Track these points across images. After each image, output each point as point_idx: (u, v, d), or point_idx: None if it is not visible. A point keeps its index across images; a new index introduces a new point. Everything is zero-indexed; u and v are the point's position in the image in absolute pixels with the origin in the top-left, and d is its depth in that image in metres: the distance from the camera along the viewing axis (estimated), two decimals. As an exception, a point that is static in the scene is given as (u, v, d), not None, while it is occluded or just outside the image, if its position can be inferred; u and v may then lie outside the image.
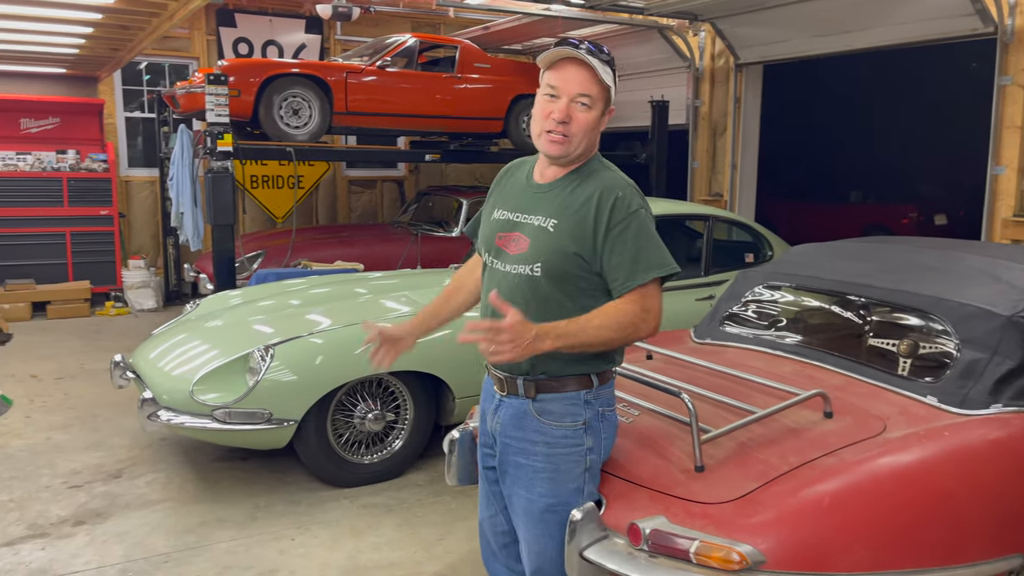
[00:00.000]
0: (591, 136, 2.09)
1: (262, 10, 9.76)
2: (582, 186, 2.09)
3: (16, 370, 6.37)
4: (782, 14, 7.55)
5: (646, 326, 2.03)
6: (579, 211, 2.06)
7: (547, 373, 2.11)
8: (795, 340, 3.15)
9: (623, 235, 2.02)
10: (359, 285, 5.29)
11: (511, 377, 2.16)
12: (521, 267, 2.11)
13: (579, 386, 2.12)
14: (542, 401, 2.12)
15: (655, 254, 2.04)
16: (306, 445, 4.13)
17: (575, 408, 2.12)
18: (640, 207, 2.07)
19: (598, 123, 2.09)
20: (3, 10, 5.40)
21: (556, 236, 2.07)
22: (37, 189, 8.45)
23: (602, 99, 2.08)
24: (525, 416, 2.14)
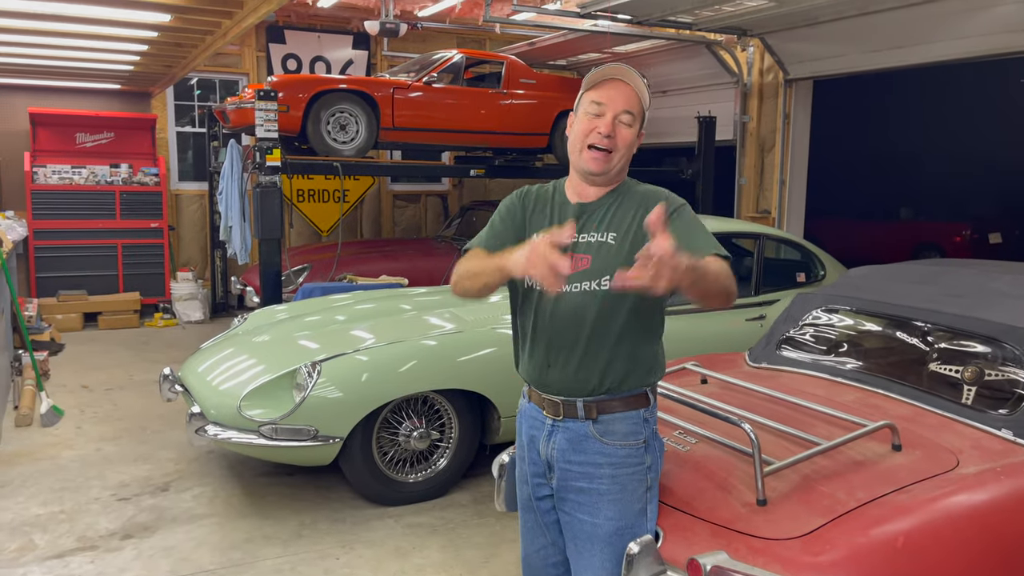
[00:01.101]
0: (628, 155, 2.11)
1: (311, 27, 9.89)
2: (626, 202, 2.11)
3: (67, 380, 6.48)
4: (835, 29, 7.41)
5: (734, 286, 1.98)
6: (633, 222, 2.07)
7: (613, 392, 2.08)
8: (856, 366, 3.04)
9: (680, 221, 2.03)
10: (403, 301, 5.28)
11: (569, 401, 2.11)
12: (585, 283, 2.07)
13: (638, 404, 2.10)
14: (603, 422, 2.09)
15: (710, 236, 2.04)
16: (351, 462, 4.11)
17: (636, 426, 2.10)
18: (684, 203, 2.11)
19: (635, 142, 2.11)
20: (64, 28, 5.53)
21: (619, 248, 2.07)
22: (91, 202, 8.64)
23: (640, 118, 2.11)
24: (586, 439, 2.09)
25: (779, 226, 8.65)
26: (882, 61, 7.40)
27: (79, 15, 5.06)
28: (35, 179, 8.43)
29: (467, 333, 4.45)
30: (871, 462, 2.29)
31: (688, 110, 8.95)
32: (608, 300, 2.06)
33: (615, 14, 7.24)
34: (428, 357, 4.25)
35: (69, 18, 5.18)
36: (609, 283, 2.04)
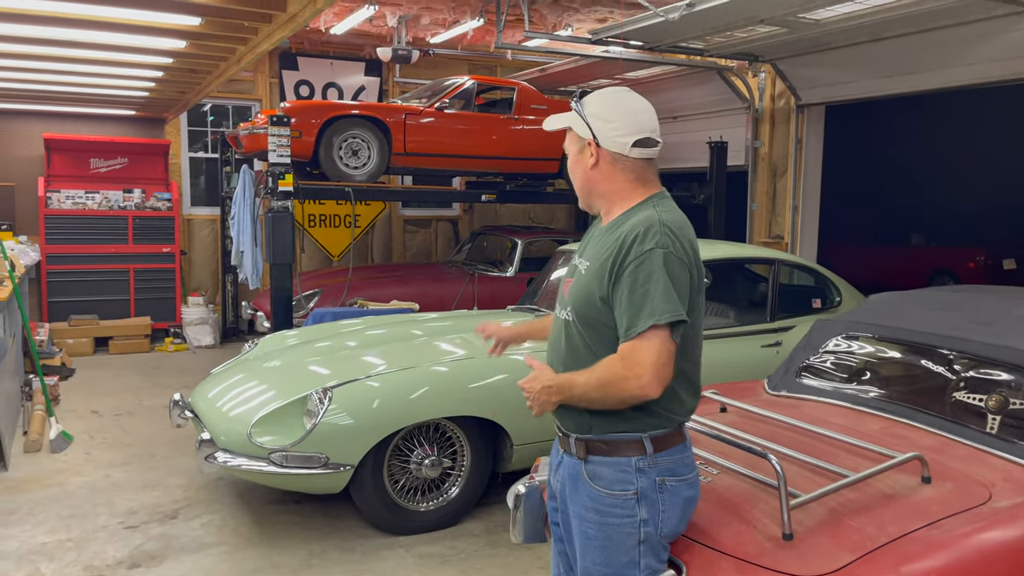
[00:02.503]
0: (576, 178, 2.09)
1: (323, 53, 9.97)
2: (621, 227, 1.99)
3: (77, 405, 6.45)
4: (847, 55, 7.41)
5: (631, 384, 1.84)
6: (606, 252, 1.97)
7: (594, 433, 1.99)
8: (879, 395, 2.97)
9: (631, 276, 1.88)
10: (415, 326, 5.24)
11: (565, 435, 2.07)
12: (563, 312, 2.07)
13: (631, 451, 1.96)
14: (593, 464, 2.00)
15: (659, 299, 1.84)
16: (361, 491, 4.04)
17: (626, 475, 1.95)
18: (658, 246, 1.87)
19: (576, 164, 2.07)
20: (80, 55, 5.57)
21: (585, 279, 2.01)
22: (104, 227, 8.67)
23: (572, 141, 2.09)
24: (578, 478, 2.03)
25: (792, 251, 8.60)
26: (894, 87, 7.38)
27: (96, 42, 5.10)
28: (49, 204, 8.47)
29: (479, 359, 4.40)
30: (900, 495, 2.22)
31: (699, 135, 8.94)
32: (573, 332, 2.02)
33: (627, 40, 7.26)
34: (440, 384, 4.20)
35: (86, 45, 5.21)
36: (572, 313, 2.02)
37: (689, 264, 1.92)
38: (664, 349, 1.85)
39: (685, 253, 1.92)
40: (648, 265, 1.86)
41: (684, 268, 1.90)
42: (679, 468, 2.00)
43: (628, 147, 1.99)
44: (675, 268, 1.88)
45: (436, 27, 8.69)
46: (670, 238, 1.90)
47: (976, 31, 6.32)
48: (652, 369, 1.83)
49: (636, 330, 1.85)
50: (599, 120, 2.01)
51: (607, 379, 1.87)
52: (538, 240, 8.66)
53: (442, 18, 8.30)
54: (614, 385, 1.86)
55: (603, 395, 1.89)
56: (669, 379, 1.87)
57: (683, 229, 1.96)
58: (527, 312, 5.44)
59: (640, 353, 1.84)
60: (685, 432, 2.05)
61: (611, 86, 2.10)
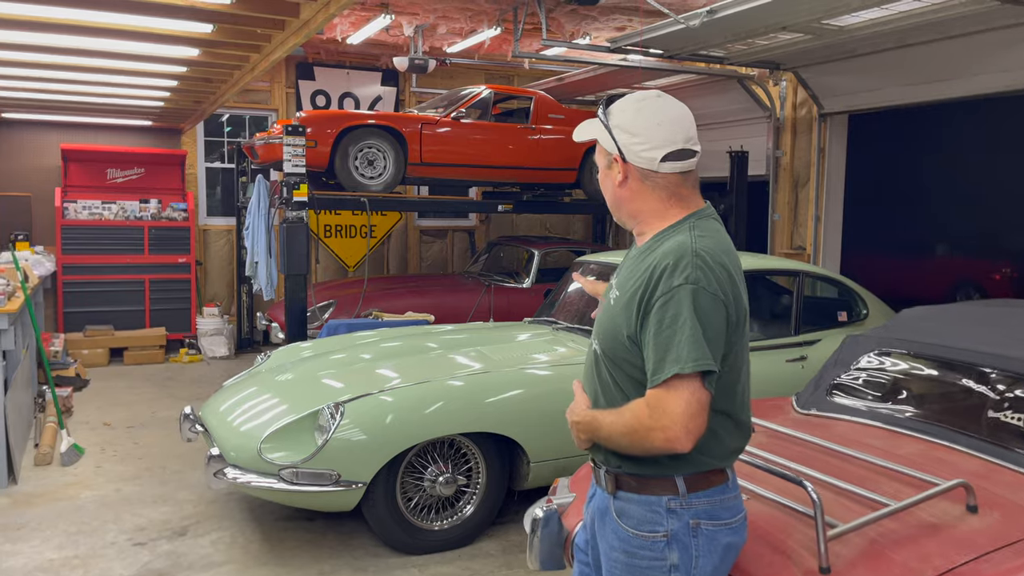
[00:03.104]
0: (608, 196, 1.92)
1: (340, 63, 9.94)
2: (652, 254, 1.79)
3: (90, 417, 6.39)
4: (871, 62, 7.26)
5: (657, 437, 1.65)
6: (635, 283, 1.77)
7: (623, 468, 1.82)
8: (916, 415, 2.82)
9: (658, 315, 1.69)
10: (430, 339, 5.13)
11: (597, 467, 1.93)
12: (594, 341, 1.92)
13: (661, 490, 1.78)
14: (621, 500, 1.84)
15: (685, 345, 1.64)
16: (374, 508, 3.93)
17: (655, 515, 1.78)
18: (687, 281, 1.67)
19: (605, 179, 1.90)
20: (95, 64, 5.54)
21: (612, 311, 1.83)
22: (120, 237, 8.65)
23: (601, 154, 1.91)
24: (607, 514, 1.87)
25: (814, 262, 8.43)
26: (921, 95, 7.22)
27: (110, 50, 5.06)
28: (65, 214, 8.47)
29: (495, 374, 4.28)
30: (945, 525, 2.08)
31: (720, 145, 8.80)
32: (602, 366, 1.86)
33: (646, 48, 7.15)
34: (455, 398, 4.08)
35: (100, 53, 5.18)
36: (599, 346, 1.87)
37: (725, 299, 1.71)
38: (694, 400, 1.65)
39: (720, 287, 1.71)
40: (675, 304, 1.68)
41: (718, 305, 1.70)
42: (718, 511, 1.79)
43: (657, 162, 1.79)
44: (706, 307, 1.68)
45: (453, 36, 8.63)
46: (702, 270, 1.70)
47: (1006, 37, 6.16)
48: (681, 421, 1.64)
49: (661, 376, 1.67)
50: (624, 132, 1.82)
51: (633, 427, 1.71)
52: (555, 251, 8.55)
53: (459, 27, 8.24)
54: (639, 435, 1.70)
55: (629, 443, 1.73)
56: (702, 431, 1.67)
57: (719, 257, 1.74)
58: (545, 325, 5.32)
59: (667, 403, 1.66)
60: (729, 471, 1.84)
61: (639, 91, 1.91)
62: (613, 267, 5.37)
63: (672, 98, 1.87)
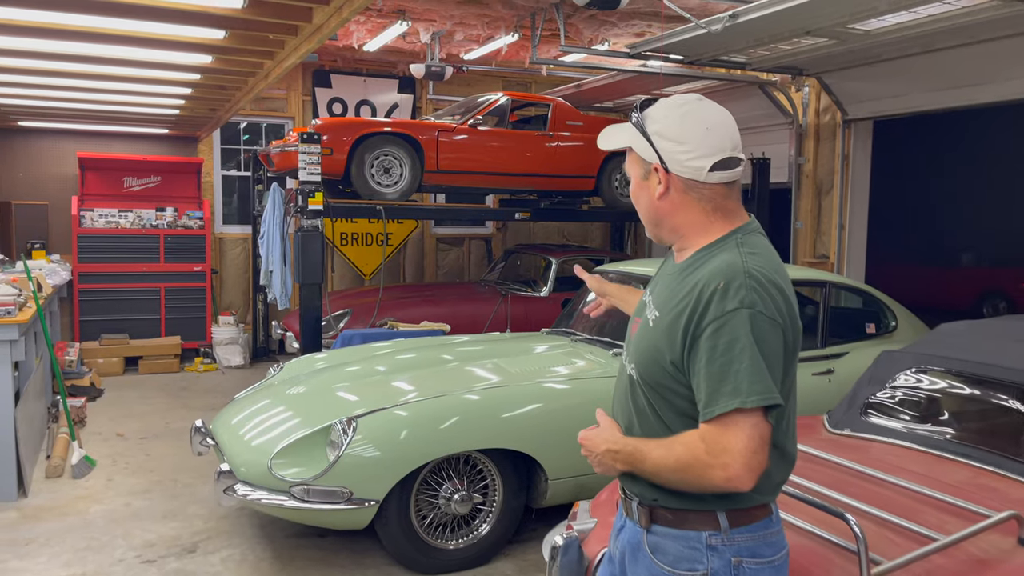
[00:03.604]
0: (642, 209, 1.76)
1: (356, 71, 9.89)
2: (697, 272, 1.65)
3: (103, 428, 6.33)
4: (897, 67, 7.09)
5: (716, 475, 1.51)
6: (679, 304, 1.63)
7: (658, 501, 1.67)
8: (958, 438, 2.67)
9: (710, 341, 1.54)
10: (446, 351, 5.02)
11: (628, 498, 1.77)
12: (628, 364, 1.76)
13: (700, 524, 1.63)
14: (656, 535, 1.69)
15: (745, 375, 1.50)
16: (387, 526, 3.82)
17: (694, 552, 1.63)
18: (743, 305, 1.53)
19: (640, 191, 1.74)
20: (110, 71, 5.49)
21: (652, 334, 1.68)
22: (136, 246, 8.63)
23: (634, 163, 1.74)
24: (639, 549, 1.72)
25: (838, 271, 8.25)
26: (948, 100, 7.04)
27: (124, 58, 5.01)
28: (82, 223, 8.45)
29: (512, 387, 4.16)
30: (996, 560, 1.93)
31: (741, 152, 8.64)
32: (638, 391, 1.70)
33: (667, 54, 7.02)
34: (471, 413, 3.96)
35: (115, 61, 5.13)
36: (635, 371, 1.72)
37: (783, 324, 1.57)
38: (756, 434, 1.51)
39: (777, 310, 1.57)
40: (731, 330, 1.53)
41: (776, 330, 1.56)
42: (761, 548, 1.64)
43: (705, 172, 1.65)
44: (765, 332, 1.54)
45: (470, 43, 8.55)
46: (758, 292, 1.55)
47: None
48: (742, 458, 1.50)
49: (716, 410, 1.52)
50: (666, 140, 1.66)
51: (687, 463, 1.55)
52: (573, 259, 8.43)
53: (476, 34, 8.15)
54: (694, 471, 1.54)
55: (681, 479, 1.58)
56: (763, 467, 1.53)
57: (772, 277, 1.60)
58: (563, 336, 5.19)
59: (726, 439, 1.51)
60: (772, 504, 1.69)
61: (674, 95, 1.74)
62: (635, 277, 5.23)
63: (713, 102, 1.72)
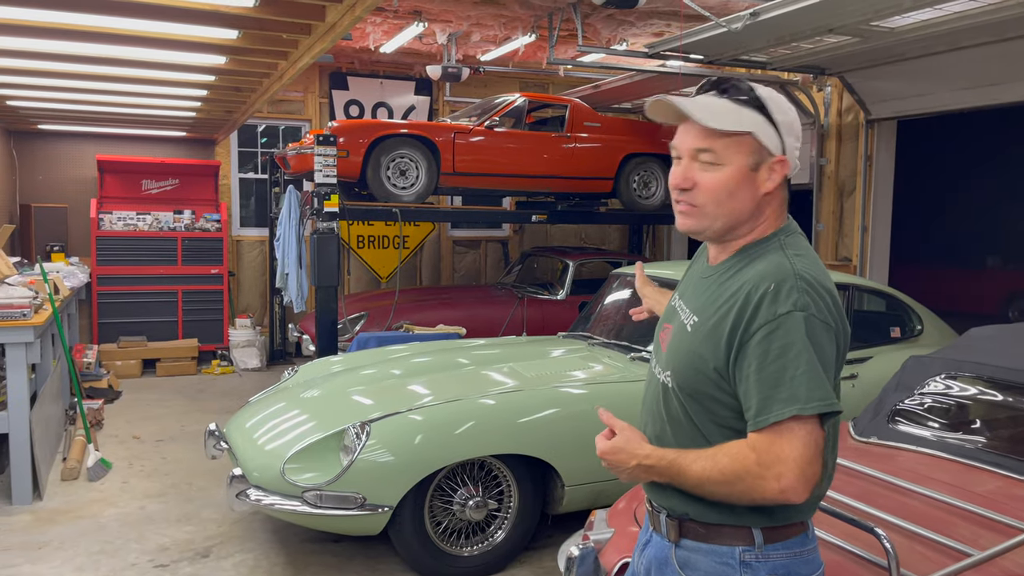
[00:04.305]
0: (733, 204, 1.57)
1: (373, 73, 9.87)
2: (740, 274, 1.57)
3: (120, 430, 6.33)
4: (922, 66, 6.96)
5: (769, 487, 1.43)
6: (722, 307, 1.54)
7: (689, 514, 1.60)
8: (991, 446, 2.57)
9: (762, 346, 1.46)
10: (462, 355, 4.96)
11: (655, 510, 1.68)
12: (661, 372, 1.67)
13: (734, 539, 1.55)
14: (686, 549, 1.61)
15: (802, 381, 1.42)
16: (401, 533, 3.76)
17: (726, 569, 1.55)
18: (796, 308, 1.46)
19: (741, 184, 1.55)
20: (125, 73, 5.49)
21: (692, 339, 1.59)
22: (153, 248, 8.65)
23: (740, 151, 1.54)
24: (666, 564, 1.64)
25: (860, 274, 8.11)
26: (974, 99, 6.91)
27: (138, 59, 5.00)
28: (101, 225, 8.48)
29: (528, 392, 4.09)
30: (1035, 578, 1.84)
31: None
32: (673, 401, 1.61)
33: (687, 54, 6.94)
34: (487, 418, 3.89)
35: (129, 62, 5.12)
36: (672, 379, 1.62)
37: (836, 329, 1.50)
38: (811, 442, 1.43)
39: (830, 313, 1.50)
40: (785, 333, 1.45)
41: (830, 335, 1.48)
42: (798, 566, 1.56)
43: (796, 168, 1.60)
44: (819, 336, 1.46)
45: (487, 44, 8.50)
46: (810, 295, 1.48)
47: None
48: (796, 468, 1.42)
49: (770, 418, 1.44)
50: (790, 135, 1.57)
51: (736, 474, 1.46)
52: (590, 262, 8.35)
53: (493, 35, 8.10)
54: (744, 483, 1.45)
55: (728, 491, 1.48)
56: (818, 478, 1.45)
57: (821, 279, 1.53)
58: (580, 340, 5.12)
59: (779, 448, 1.43)
60: (808, 520, 1.62)
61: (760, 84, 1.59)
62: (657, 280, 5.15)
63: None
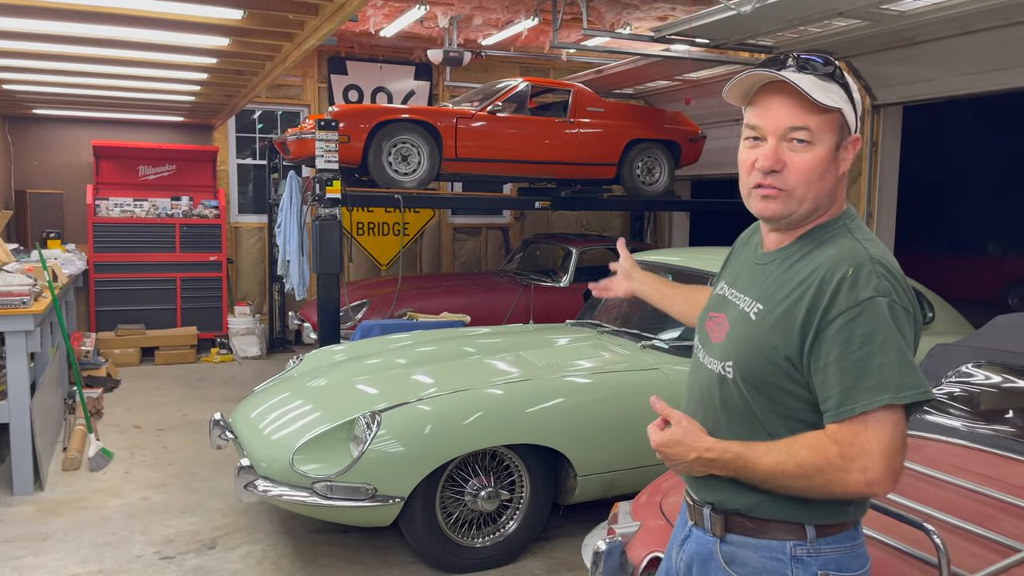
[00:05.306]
0: (821, 185, 1.50)
1: (373, 57, 9.74)
2: (808, 258, 1.50)
3: (120, 419, 6.25)
4: (930, 50, 6.87)
5: (854, 480, 1.37)
6: (792, 293, 1.47)
7: (738, 509, 1.54)
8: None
9: (843, 333, 1.39)
10: (466, 343, 4.89)
11: (697, 504, 1.61)
12: (715, 363, 1.58)
13: (785, 534, 1.49)
14: (732, 544, 1.55)
15: (891, 369, 1.36)
16: (411, 524, 3.70)
17: (776, 564, 1.49)
18: (878, 293, 1.39)
19: (829, 164, 1.49)
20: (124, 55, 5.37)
21: (757, 328, 1.51)
22: (151, 235, 8.54)
23: (830, 129, 1.48)
24: (710, 559, 1.57)
25: (866, 261, 8.06)
26: (983, 84, 6.83)
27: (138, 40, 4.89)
28: (97, 212, 8.37)
29: (540, 380, 4.03)
30: (1084, 574, 1.78)
31: (765, 138, 8.44)
32: (732, 393, 1.53)
33: (692, 38, 6.84)
34: (495, 408, 3.82)
35: (129, 44, 5.01)
36: (733, 369, 1.54)
37: (915, 318, 1.44)
38: (898, 433, 1.37)
39: (910, 301, 1.44)
40: (868, 320, 1.38)
41: (910, 321, 1.42)
42: (848, 561, 1.50)
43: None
44: (903, 324, 1.40)
45: (488, 28, 8.38)
46: (890, 281, 1.41)
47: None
48: (884, 460, 1.35)
49: (855, 408, 1.37)
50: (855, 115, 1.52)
51: (816, 467, 1.39)
52: (592, 248, 8.27)
53: (495, 18, 7.99)
54: (824, 476, 1.39)
55: (806, 485, 1.41)
56: (902, 470, 1.39)
57: (895, 265, 1.47)
58: (588, 327, 5.06)
59: (864, 439, 1.36)
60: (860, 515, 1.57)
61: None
62: (663, 267, 5.08)
63: None
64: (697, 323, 1.73)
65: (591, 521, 4.29)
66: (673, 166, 8.28)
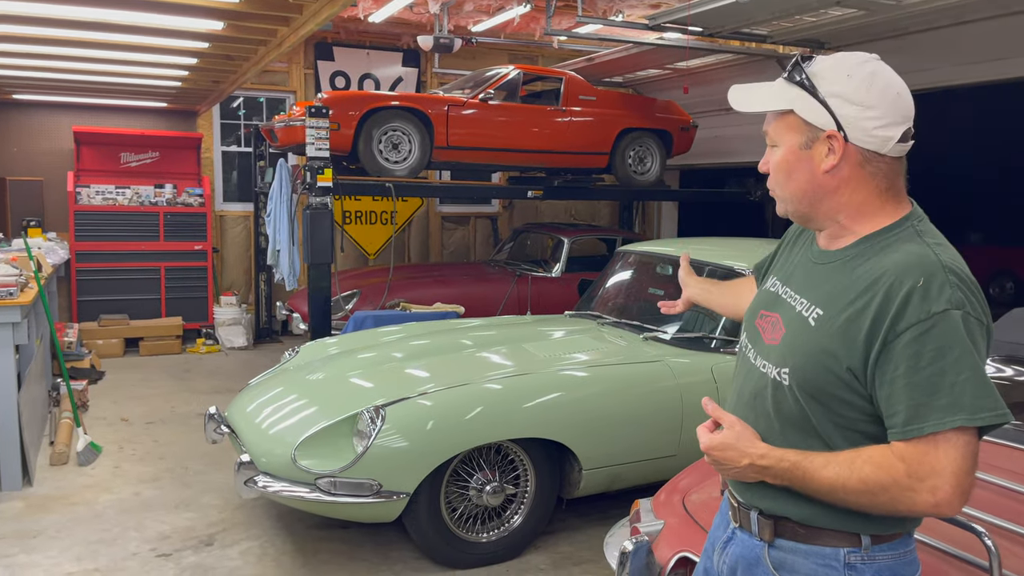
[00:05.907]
0: (793, 185, 1.50)
1: (360, 43, 9.59)
2: (873, 263, 1.42)
3: (107, 412, 6.12)
4: (924, 40, 6.88)
5: (922, 500, 1.31)
6: (857, 300, 1.39)
7: (789, 515, 1.48)
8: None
9: (913, 347, 1.31)
10: (464, 336, 4.81)
11: (744, 507, 1.56)
12: (769, 367, 1.52)
13: (838, 540, 1.45)
14: (781, 550, 1.50)
15: (967, 388, 1.29)
16: (416, 519, 3.64)
17: (830, 572, 1.45)
18: (952, 305, 1.31)
19: (797, 163, 1.48)
20: (114, 39, 5.22)
21: (818, 334, 1.43)
22: (134, 223, 8.36)
23: (788, 129, 1.48)
24: (757, 564, 1.53)
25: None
26: (976, 74, 6.84)
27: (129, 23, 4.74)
28: (78, 199, 8.18)
29: (540, 374, 3.97)
30: None
31: (757, 128, 8.35)
32: (787, 400, 1.47)
33: (686, 26, 6.78)
34: (495, 402, 3.76)
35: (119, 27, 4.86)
36: (789, 376, 1.47)
37: (989, 329, 1.36)
38: (970, 454, 1.30)
39: (984, 312, 1.35)
40: (941, 334, 1.30)
41: (985, 336, 1.34)
42: (901, 568, 1.45)
43: (893, 143, 1.43)
44: (977, 337, 1.32)
45: (479, 14, 8.26)
46: (963, 291, 1.33)
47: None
48: (954, 481, 1.29)
49: (925, 428, 1.30)
50: (851, 104, 1.42)
51: (881, 485, 1.32)
52: (584, 238, 8.22)
53: (486, 4, 7.87)
54: (889, 494, 1.33)
55: (869, 501, 1.35)
56: (972, 490, 1.32)
57: (968, 272, 1.38)
58: (588, 319, 5.01)
59: (934, 459, 1.30)
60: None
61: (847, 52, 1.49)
62: (659, 257, 5.04)
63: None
64: (745, 319, 1.68)
65: (594, 515, 4.27)
66: (665, 155, 8.24)
